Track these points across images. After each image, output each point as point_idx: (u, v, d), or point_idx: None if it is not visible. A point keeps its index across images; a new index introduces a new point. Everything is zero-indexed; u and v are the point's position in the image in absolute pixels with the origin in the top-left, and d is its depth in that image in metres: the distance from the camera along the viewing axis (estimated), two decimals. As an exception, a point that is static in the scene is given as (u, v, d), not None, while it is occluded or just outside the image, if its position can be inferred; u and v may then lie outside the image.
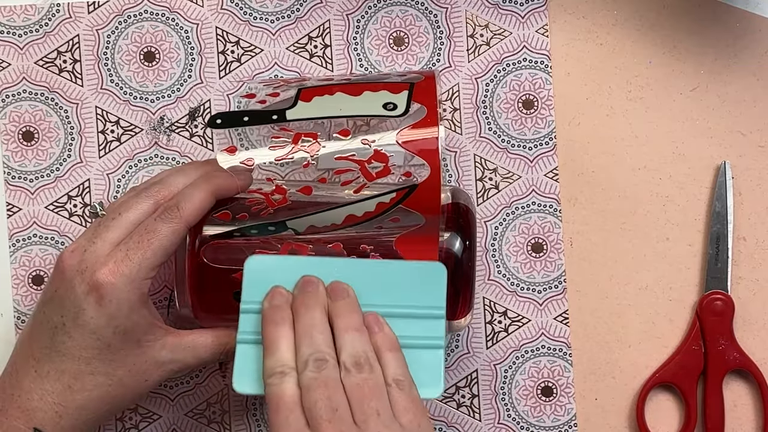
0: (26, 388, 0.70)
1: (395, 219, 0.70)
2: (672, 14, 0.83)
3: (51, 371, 0.70)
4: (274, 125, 0.71)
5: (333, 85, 0.72)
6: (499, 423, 0.82)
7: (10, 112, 0.83)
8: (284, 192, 0.71)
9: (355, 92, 0.71)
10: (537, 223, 0.83)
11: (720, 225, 0.82)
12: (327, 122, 0.75)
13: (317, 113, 0.70)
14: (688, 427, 0.82)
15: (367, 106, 0.70)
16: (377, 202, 0.70)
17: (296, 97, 0.71)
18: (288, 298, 0.68)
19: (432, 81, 0.71)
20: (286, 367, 0.65)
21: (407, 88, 0.71)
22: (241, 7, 0.83)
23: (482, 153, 0.83)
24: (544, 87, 0.83)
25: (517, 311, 0.83)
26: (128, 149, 0.83)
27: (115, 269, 0.68)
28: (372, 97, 0.70)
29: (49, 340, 0.70)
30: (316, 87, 0.72)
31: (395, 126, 0.70)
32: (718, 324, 0.82)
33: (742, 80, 0.83)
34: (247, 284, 0.69)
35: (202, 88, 0.83)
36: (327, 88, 0.72)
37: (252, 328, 0.68)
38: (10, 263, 0.82)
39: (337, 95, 0.71)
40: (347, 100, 0.71)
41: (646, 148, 0.83)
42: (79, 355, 0.69)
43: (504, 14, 0.83)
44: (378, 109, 0.70)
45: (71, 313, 0.69)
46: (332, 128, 0.76)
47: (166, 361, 0.72)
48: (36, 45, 0.83)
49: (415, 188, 0.69)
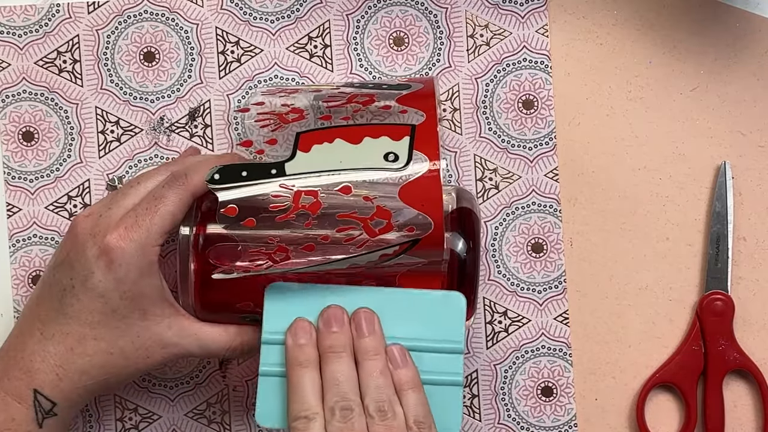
0: (29, 350, 0.71)
1: (399, 263, 0.71)
2: (672, 14, 0.83)
3: (56, 333, 0.71)
4: None
5: (332, 129, 0.71)
6: (499, 423, 0.82)
7: (10, 113, 0.83)
8: (287, 251, 0.70)
9: (355, 139, 0.70)
10: (537, 223, 0.83)
11: (720, 225, 0.82)
12: None
13: (317, 166, 0.69)
14: (688, 427, 0.82)
15: (368, 156, 0.69)
16: (380, 254, 0.69)
17: (294, 146, 0.70)
18: (312, 334, 0.69)
19: (433, 120, 0.70)
20: (311, 413, 0.66)
21: (408, 133, 0.70)
22: (241, 8, 0.83)
23: (482, 153, 0.83)
24: (544, 87, 0.83)
25: (517, 311, 0.83)
26: (128, 149, 0.83)
27: (125, 234, 0.70)
28: (372, 145, 0.69)
29: (57, 302, 0.71)
30: (314, 132, 0.71)
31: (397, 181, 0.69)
32: (718, 324, 0.82)
33: (742, 80, 0.83)
34: (268, 313, 0.69)
35: (202, 88, 0.83)
36: (326, 134, 0.70)
37: (274, 360, 0.69)
38: (10, 263, 0.82)
39: (337, 143, 0.70)
40: (347, 151, 0.70)
41: (646, 148, 0.83)
42: (85, 319, 0.71)
43: (504, 14, 0.83)
44: (379, 161, 0.69)
45: (81, 276, 0.70)
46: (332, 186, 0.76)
47: (170, 344, 0.72)
48: (36, 45, 0.82)
49: (418, 242, 0.69)
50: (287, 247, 0.70)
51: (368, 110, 0.75)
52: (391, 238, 0.69)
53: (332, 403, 0.66)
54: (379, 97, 0.74)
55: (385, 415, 0.66)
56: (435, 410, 0.68)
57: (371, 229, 0.69)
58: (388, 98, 0.74)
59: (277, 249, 0.70)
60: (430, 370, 0.69)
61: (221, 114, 0.83)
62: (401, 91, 0.73)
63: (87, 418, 0.82)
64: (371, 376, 0.68)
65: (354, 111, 0.76)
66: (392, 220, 0.69)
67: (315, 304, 0.69)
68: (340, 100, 0.75)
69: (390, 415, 0.67)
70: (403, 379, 0.68)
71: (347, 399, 0.66)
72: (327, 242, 0.70)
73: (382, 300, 0.70)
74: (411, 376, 0.68)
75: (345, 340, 0.68)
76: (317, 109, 0.76)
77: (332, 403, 0.66)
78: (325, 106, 0.75)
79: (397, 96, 0.73)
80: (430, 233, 0.69)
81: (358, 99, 0.74)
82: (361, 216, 0.69)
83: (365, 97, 0.74)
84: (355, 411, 0.66)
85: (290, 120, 0.74)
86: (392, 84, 0.76)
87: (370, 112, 0.76)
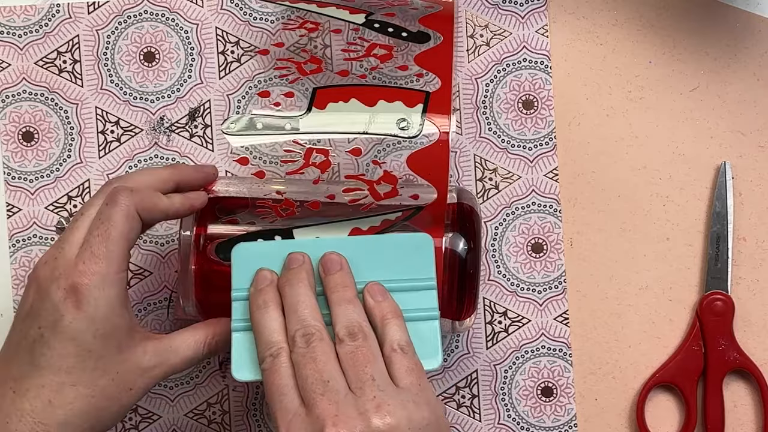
0: (4, 411, 0.66)
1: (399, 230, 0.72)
2: (672, 14, 0.83)
3: (30, 388, 0.66)
4: (287, 139, 0.71)
5: (349, 87, 0.72)
6: (499, 423, 0.82)
7: (10, 113, 0.83)
8: (293, 205, 0.71)
9: (370, 101, 0.71)
10: (537, 223, 0.83)
11: (720, 225, 0.82)
12: None
13: (330, 125, 0.70)
14: (688, 427, 0.82)
15: (381, 120, 0.70)
16: (383, 219, 0.70)
17: (311, 101, 0.71)
18: (273, 279, 0.68)
19: (448, 87, 0.71)
20: (275, 349, 0.65)
21: (422, 100, 0.70)
22: (241, 8, 0.83)
23: (482, 153, 0.83)
24: (544, 87, 0.83)
25: (517, 311, 0.83)
26: (128, 149, 0.83)
27: (86, 269, 0.66)
28: (386, 109, 0.70)
29: (28, 355, 0.67)
30: (331, 89, 0.72)
31: (406, 147, 0.70)
32: (718, 324, 0.82)
33: (742, 80, 0.83)
34: (236, 272, 0.69)
35: (202, 88, 0.83)
36: (342, 92, 0.71)
37: (243, 315, 0.68)
38: (10, 263, 0.82)
39: (352, 103, 0.71)
40: (361, 112, 0.70)
41: (646, 148, 0.83)
42: (59, 366, 0.66)
43: (504, 14, 0.83)
44: (391, 126, 0.70)
45: (49, 322, 0.66)
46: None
47: (150, 366, 0.69)
48: (36, 45, 0.83)
49: (421, 209, 0.70)
50: (294, 201, 0.70)
51: (385, 69, 0.77)
52: (396, 204, 0.70)
53: (293, 332, 0.64)
54: (397, 50, 0.75)
55: (356, 336, 0.65)
56: (416, 343, 0.67)
57: (377, 192, 0.70)
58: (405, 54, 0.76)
59: (284, 203, 0.70)
60: (404, 308, 0.68)
61: (221, 114, 0.83)
62: (421, 45, 0.73)
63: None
64: (339, 304, 0.66)
65: (371, 68, 0.79)
66: (398, 185, 0.69)
67: (281, 258, 0.69)
68: (358, 52, 0.76)
69: (360, 336, 0.65)
70: (385, 309, 0.67)
71: (308, 324, 0.65)
72: (332, 201, 0.71)
73: (352, 246, 0.69)
74: (392, 308, 0.67)
75: (303, 274, 0.67)
76: None
77: (293, 332, 0.64)
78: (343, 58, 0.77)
79: (416, 53, 0.73)
80: (434, 202, 0.69)
81: (377, 52, 0.75)
82: (369, 179, 0.70)
83: (384, 49, 0.75)
84: (316, 335, 0.64)
85: (308, 72, 0.76)
86: (411, 32, 0.75)
87: (387, 73, 0.78)
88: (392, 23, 0.74)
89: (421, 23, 0.73)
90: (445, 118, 0.70)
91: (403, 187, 0.70)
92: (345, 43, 0.78)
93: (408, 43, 0.74)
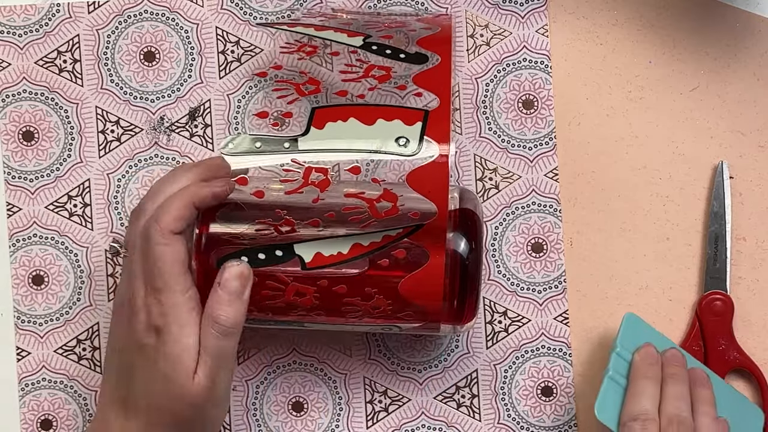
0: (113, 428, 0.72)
1: (400, 252, 0.71)
2: (672, 14, 0.83)
3: None
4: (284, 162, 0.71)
5: (347, 107, 0.72)
6: (499, 423, 0.82)
7: (10, 112, 0.83)
8: (293, 224, 0.71)
9: (369, 120, 0.70)
10: (537, 223, 0.83)
11: (718, 225, 0.82)
12: None
13: (329, 144, 0.70)
14: (688, 427, 0.82)
15: (380, 138, 0.70)
16: (384, 234, 0.71)
17: (309, 121, 0.71)
18: (659, 360, 0.77)
19: (447, 106, 0.70)
20: (648, 417, 0.73)
21: (421, 118, 0.70)
22: (241, 7, 0.83)
23: (482, 153, 0.83)
24: (544, 87, 0.83)
25: (517, 311, 0.83)
26: (128, 149, 0.83)
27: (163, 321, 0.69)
28: (385, 127, 0.70)
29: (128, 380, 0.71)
30: (329, 109, 0.72)
31: (406, 166, 0.70)
32: (718, 324, 0.82)
33: (742, 80, 0.83)
34: (623, 333, 0.77)
35: (202, 88, 0.83)
36: (341, 111, 0.71)
37: (621, 371, 0.76)
38: (10, 263, 0.82)
39: (350, 122, 0.70)
40: (360, 131, 0.70)
41: (646, 148, 0.83)
42: None
43: (504, 14, 0.83)
44: (390, 144, 0.70)
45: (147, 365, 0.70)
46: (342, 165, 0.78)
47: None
48: (36, 45, 0.83)
49: (422, 227, 0.70)
50: (293, 220, 0.71)
51: (383, 88, 0.78)
52: (396, 222, 0.70)
53: (670, 414, 0.74)
54: (395, 71, 0.75)
55: None
56: None
57: (377, 210, 0.70)
58: (403, 75, 0.76)
59: (284, 222, 0.71)
60: None
61: (221, 114, 0.83)
62: (419, 65, 0.74)
63: (88, 419, 0.82)
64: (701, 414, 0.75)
65: (369, 89, 0.80)
66: (398, 203, 0.69)
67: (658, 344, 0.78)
68: (356, 73, 0.76)
69: None
70: None
71: (683, 414, 0.74)
72: (332, 219, 0.71)
73: None
74: None
75: (686, 376, 0.77)
76: None
77: (670, 414, 0.74)
78: (341, 79, 0.77)
79: (414, 73, 0.73)
80: (434, 220, 0.69)
81: (375, 73, 0.75)
82: (368, 197, 0.70)
83: (382, 71, 0.75)
84: (686, 425, 0.74)
85: (307, 92, 0.76)
86: (409, 54, 0.75)
87: (385, 91, 0.79)
88: (390, 45, 0.75)
89: (419, 45, 0.73)
90: (445, 135, 0.69)
91: (403, 204, 0.70)
92: (343, 65, 0.78)
93: (405, 64, 0.74)
